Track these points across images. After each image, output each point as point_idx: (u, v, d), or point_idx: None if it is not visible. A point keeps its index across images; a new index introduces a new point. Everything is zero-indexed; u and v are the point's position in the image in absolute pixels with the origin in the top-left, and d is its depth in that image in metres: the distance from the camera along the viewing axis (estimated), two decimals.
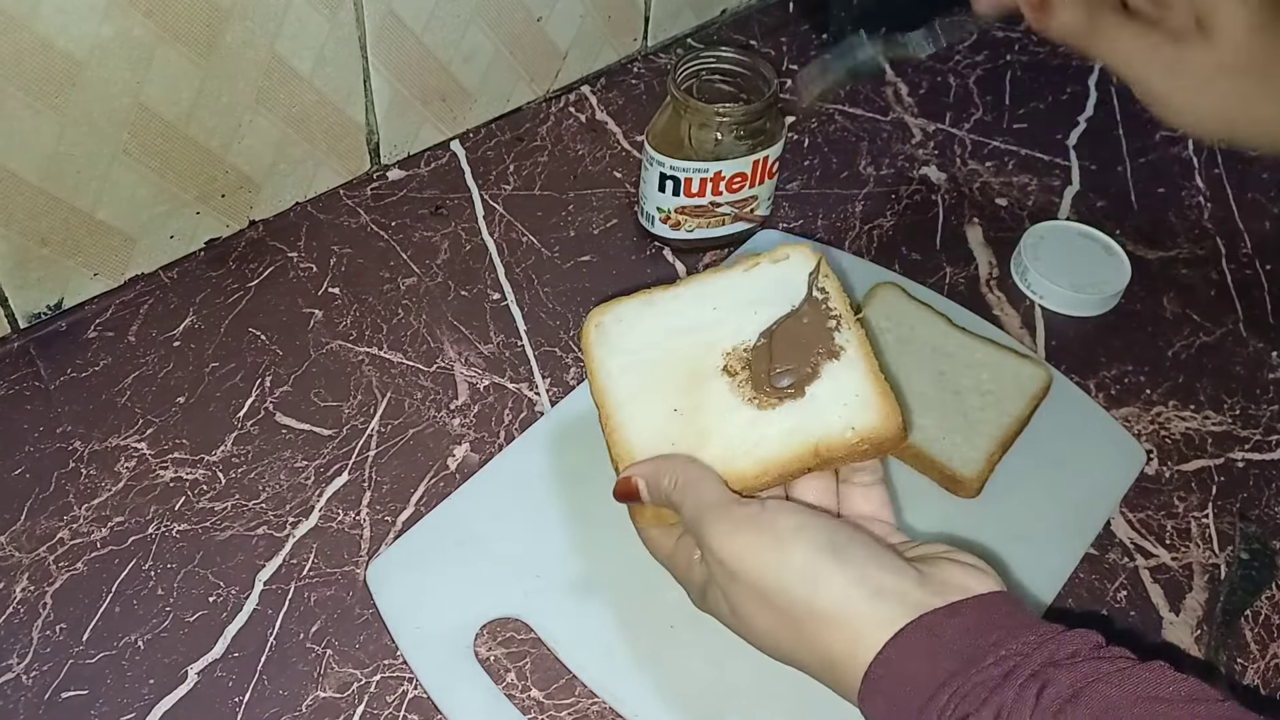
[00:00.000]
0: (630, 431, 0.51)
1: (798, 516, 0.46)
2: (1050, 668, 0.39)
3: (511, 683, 0.56)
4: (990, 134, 0.90)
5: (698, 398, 0.51)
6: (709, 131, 0.72)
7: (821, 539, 0.44)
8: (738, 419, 0.50)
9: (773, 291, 0.53)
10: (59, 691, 0.55)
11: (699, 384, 0.51)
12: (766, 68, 0.73)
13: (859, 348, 0.51)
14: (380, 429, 0.67)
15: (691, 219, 0.75)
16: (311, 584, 0.60)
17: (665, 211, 0.75)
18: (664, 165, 0.73)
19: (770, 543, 0.45)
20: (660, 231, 0.77)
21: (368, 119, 0.79)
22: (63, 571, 0.60)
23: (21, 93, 0.61)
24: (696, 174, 0.73)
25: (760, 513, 0.46)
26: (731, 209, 0.75)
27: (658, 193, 0.74)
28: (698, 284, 0.55)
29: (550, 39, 0.85)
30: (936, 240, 0.81)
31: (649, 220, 0.77)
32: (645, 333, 0.54)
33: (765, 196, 0.77)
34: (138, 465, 0.64)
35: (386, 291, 0.75)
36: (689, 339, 0.53)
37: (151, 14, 0.63)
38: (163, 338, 0.71)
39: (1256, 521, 0.66)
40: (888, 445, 0.49)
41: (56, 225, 0.68)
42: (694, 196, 0.74)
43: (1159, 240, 0.83)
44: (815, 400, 0.50)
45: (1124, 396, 0.72)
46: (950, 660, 0.40)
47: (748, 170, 0.73)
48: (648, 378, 0.52)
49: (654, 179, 0.74)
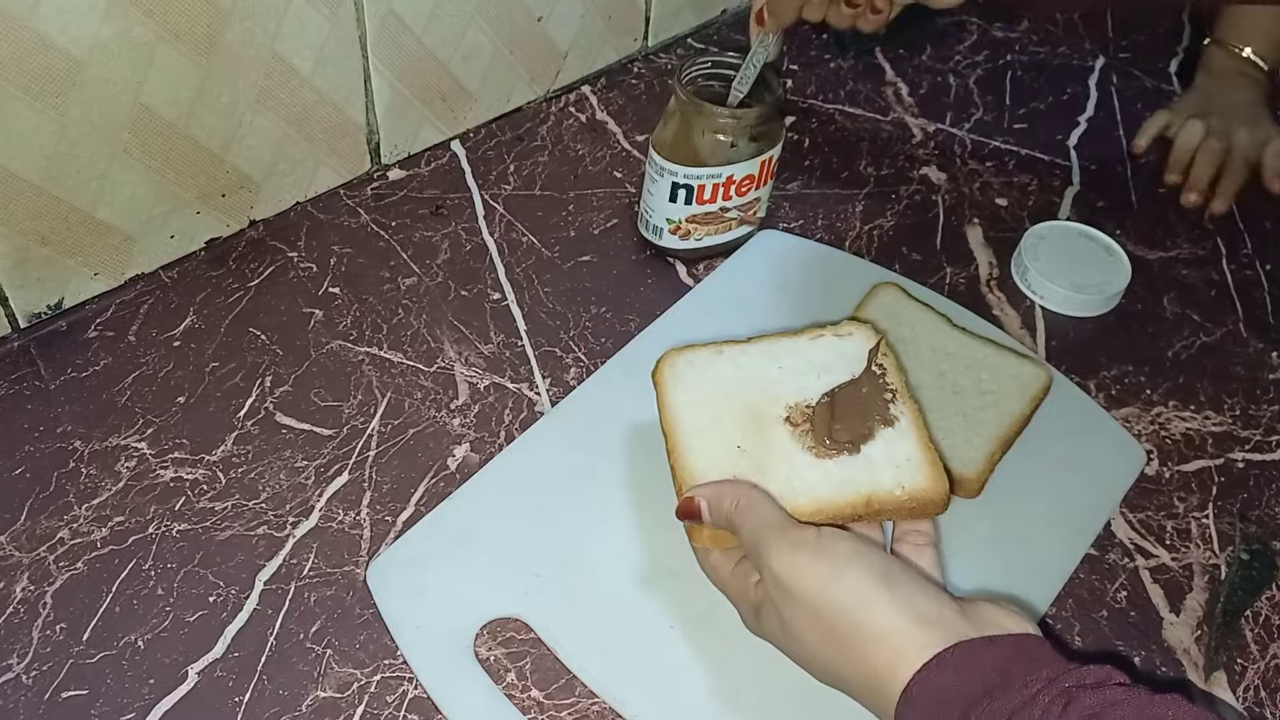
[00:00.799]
0: (694, 459, 0.55)
1: (853, 544, 0.49)
2: (1076, 689, 0.42)
3: (511, 683, 0.56)
4: (990, 134, 0.90)
5: (760, 439, 0.55)
6: (724, 136, 0.71)
7: (875, 566, 0.48)
8: (797, 462, 0.54)
9: (834, 360, 0.58)
10: (59, 691, 0.55)
11: (762, 428, 0.55)
12: (769, 70, 0.73)
13: (912, 420, 0.55)
14: (380, 429, 0.67)
15: (701, 227, 0.75)
16: (312, 584, 0.60)
17: (675, 222, 0.75)
18: (676, 175, 0.72)
19: (827, 565, 0.48)
20: (668, 244, 0.76)
21: (368, 119, 0.79)
22: (63, 571, 0.60)
23: (22, 92, 0.61)
24: (710, 180, 0.72)
25: (818, 538, 0.49)
26: (738, 213, 0.75)
27: (668, 204, 0.74)
28: (765, 343, 0.60)
29: (550, 39, 0.85)
30: (937, 240, 0.81)
31: (655, 233, 0.76)
32: (715, 376, 0.58)
33: (765, 197, 0.77)
34: (138, 465, 0.64)
35: (387, 291, 0.75)
36: (755, 389, 0.57)
37: (152, 13, 0.63)
38: (163, 337, 0.71)
39: (1256, 522, 0.66)
40: (932, 508, 0.53)
41: (57, 225, 0.68)
42: (705, 204, 0.74)
43: (1159, 240, 0.83)
44: (870, 459, 0.54)
45: (1124, 397, 0.72)
46: (982, 682, 0.43)
47: (755, 172, 0.73)
48: (714, 415, 0.56)
49: (664, 190, 0.73)
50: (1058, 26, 1.01)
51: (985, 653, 0.44)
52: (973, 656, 0.44)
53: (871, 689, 0.46)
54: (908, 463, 0.54)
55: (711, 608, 0.58)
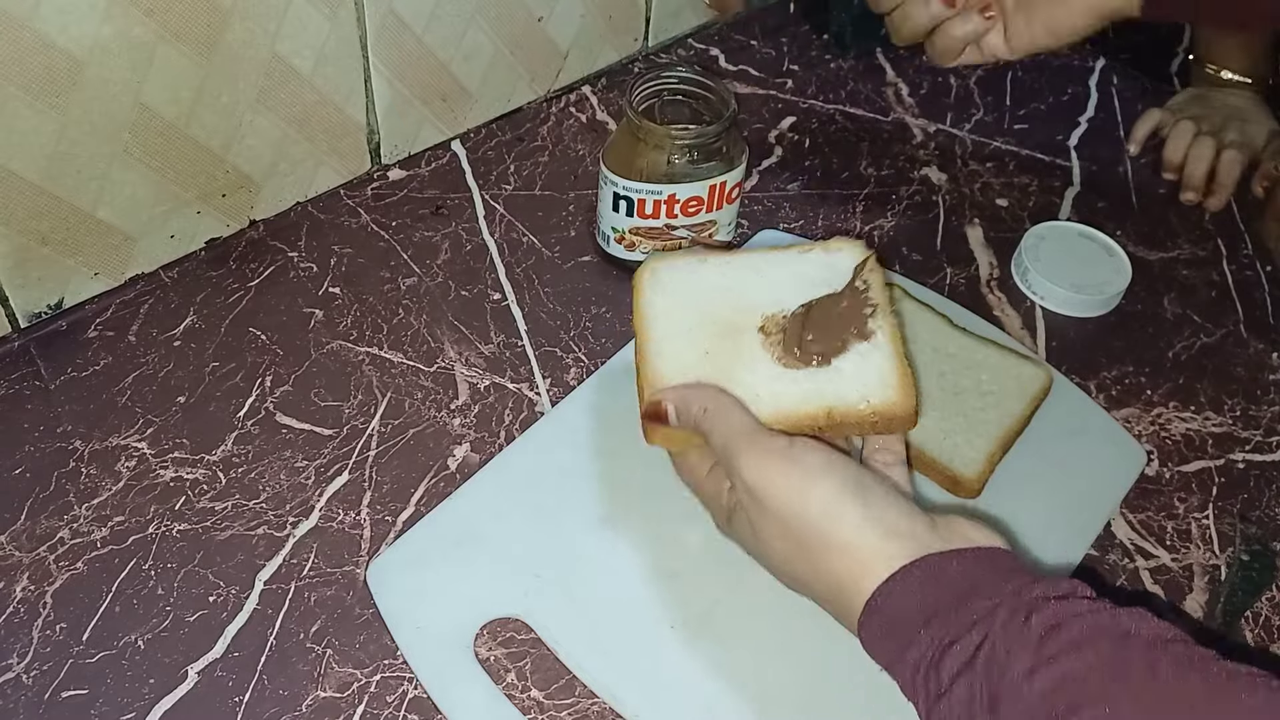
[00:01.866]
0: (662, 362, 0.55)
1: (825, 455, 0.48)
2: (1039, 600, 0.42)
3: (511, 683, 0.56)
4: (991, 134, 0.90)
5: (730, 346, 0.55)
6: (661, 153, 0.70)
7: (848, 478, 0.47)
8: (763, 371, 0.54)
9: (819, 274, 0.57)
10: (59, 691, 0.55)
11: (733, 335, 0.55)
12: (725, 91, 0.71)
13: (889, 335, 0.54)
14: (380, 429, 0.67)
15: (646, 240, 0.73)
16: (311, 584, 0.60)
17: (620, 232, 0.73)
18: (617, 185, 0.71)
19: (799, 474, 0.47)
20: (615, 252, 0.75)
21: (368, 119, 0.79)
22: (63, 571, 0.60)
23: (22, 92, 0.61)
24: (650, 195, 0.70)
25: (789, 447, 0.48)
26: (689, 233, 0.73)
27: (612, 212, 0.72)
28: (750, 254, 0.59)
29: (551, 39, 0.85)
30: (937, 241, 0.81)
31: (604, 239, 0.75)
32: (694, 283, 0.58)
33: (726, 222, 0.74)
34: (138, 465, 0.64)
35: (387, 291, 0.75)
36: (733, 296, 0.57)
37: (152, 13, 0.63)
38: (163, 337, 0.71)
39: (1257, 523, 0.66)
40: (897, 424, 0.53)
41: (57, 224, 0.68)
42: (647, 218, 0.72)
43: (1160, 241, 0.83)
44: (839, 371, 0.53)
45: (1124, 397, 0.72)
46: (946, 594, 0.43)
47: (704, 194, 0.71)
48: (688, 321, 0.56)
49: (608, 198, 0.72)
50: None
51: (951, 565, 0.44)
52: (939, 569, 0.44)
53: (836, 598, 0.47)
54: (877, 376, 0.53)
55: (712, 608, 0.58)
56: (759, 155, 0.86)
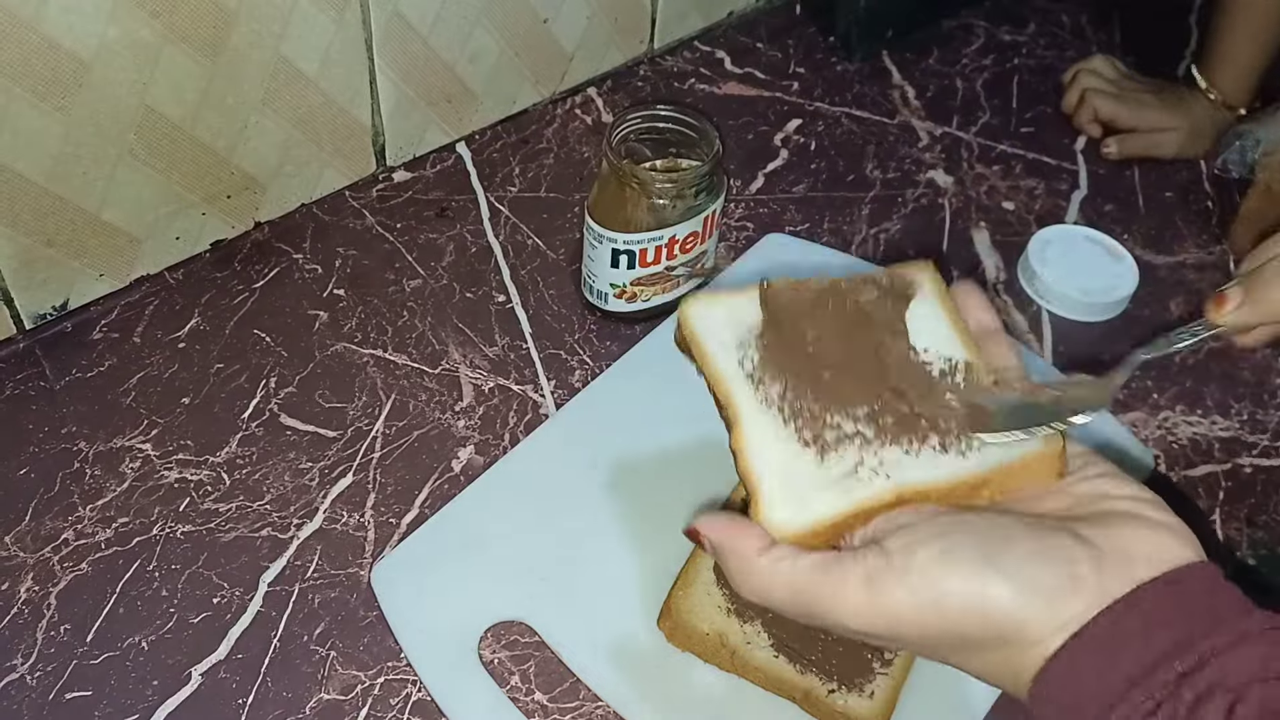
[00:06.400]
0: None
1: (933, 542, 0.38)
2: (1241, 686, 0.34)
3: (516, 686, 0.56)
4: (997, 138, 0.90)
5: None
6: (662, 200, 0.67)
7: (970, 551, 0.37)
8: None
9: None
10: (63, 692, 0.55)
11: None
12: (705, 122, 0.69)
13: None
14: (385, 431, 0.67)
15: (648, 288, 0.71)
16: (316, 586, 0.60)
17: (620, 286, 0.71)
18: (615, 241, 0.68)
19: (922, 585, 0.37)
20: (614, 308, 0.72)
21: (373, 120, 0.79)
22: (67, 572, 0.60)
23: (28, 94, 0.61)
24: (651, 244, 0.68)
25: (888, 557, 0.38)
26: (686, 269, 0.72)
27: (610, 269, 0.70)
28: None
29: (556, 41, 0.85)
30: (943, 244, 0.81)
31: (600, 298, 0.72)
32: None
33: (711, 248, 0.73)
34: (142, 466, 0.64)
35: (391, 293, 0.75)
36: None
37: (158, 15, 0.63)
38: (168, 339, 0.71)
39: (1264, 527, 0.65)
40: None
41: (62, 226, 0.68)
42: (649, 266, 0.70)
43: (1166, 245, 0.82)
44: None
45: (1131, 402, 0.72)
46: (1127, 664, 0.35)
47: (699, 228, 0.70)
48: None
49: (604, 256, 0.69)
50: (1064, 30, 1.01)
51: (1127, 621, 0.36)
52: (1110, 633, 0.36)
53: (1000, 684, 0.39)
54: None
55: None
56: (765, 158, 0.86)
